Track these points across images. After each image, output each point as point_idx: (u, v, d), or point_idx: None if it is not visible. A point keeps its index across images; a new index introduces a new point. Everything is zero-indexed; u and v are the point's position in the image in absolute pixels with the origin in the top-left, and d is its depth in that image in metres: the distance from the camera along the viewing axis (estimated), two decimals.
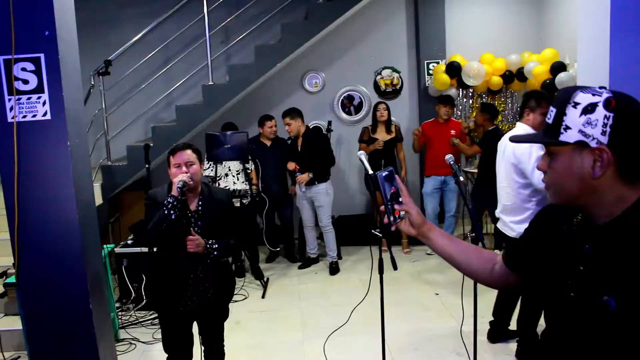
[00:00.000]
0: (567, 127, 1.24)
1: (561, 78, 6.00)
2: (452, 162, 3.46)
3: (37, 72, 2.64)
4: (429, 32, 7.00)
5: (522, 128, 3.69)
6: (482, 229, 5.68)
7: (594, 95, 1.22)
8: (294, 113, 5.64)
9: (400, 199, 1.64)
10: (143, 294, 4.74)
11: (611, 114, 1.19)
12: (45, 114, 2.66)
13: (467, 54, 6.84)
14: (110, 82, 5.55)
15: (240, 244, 5.02)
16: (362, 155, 3.40)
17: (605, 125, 1.20)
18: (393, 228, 1.66)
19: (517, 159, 3.56)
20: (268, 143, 6.04)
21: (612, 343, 1.21)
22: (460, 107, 7.22)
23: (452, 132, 6.08)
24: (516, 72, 6.79)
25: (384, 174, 1.64)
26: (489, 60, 6.79)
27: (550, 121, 1.29)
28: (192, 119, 5.67)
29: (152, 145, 5.20)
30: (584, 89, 1.25)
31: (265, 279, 5.48)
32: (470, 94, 7.21)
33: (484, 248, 3.28)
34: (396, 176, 1.67)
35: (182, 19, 5.93)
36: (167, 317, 2.98)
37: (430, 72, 6.99)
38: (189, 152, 2.94)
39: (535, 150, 3.48)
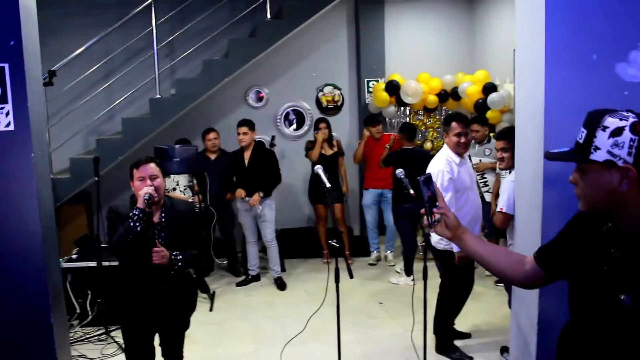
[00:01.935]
0: (597, 148, 1.43)
1: (492, 98, 6.40)
2: (402, 176, 3.66)
3: (1, 82, 2.61)
4: (369, 52, 7.29)
5: (443, 151, 4.03)
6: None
7: (621, 120, 1.41)
8: (251, 125, 5.69)
9: (437, 203, 1.79)
10: (89, 309, 4.64)
11: (637, 137, 1.39)
12: (8, 125, 2.63)
13: (405, 73, 7.17)
14: (53, 93, 5.42)
15: (203, 255, 5.01)
16: (320, 169, 3.55)
17: (631, 147, 1.39)
18: (432, 230, 1.82)
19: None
20: (212, 157, 6.07)
21: (626, 335, 1.41)
22: (397, 124, 7.52)
23: (387, 146, 6.37)
24: (451, 91, 7.17)
25: (423, 179, 1.80)
26: (426, 79, 7.14)
27: (581, 141, 1.48)
28: (139, 132, 5.63)
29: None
30: (612, 113, 1.44)
31: (211, 292, 5.48)
32: (408, 112, 7.53)
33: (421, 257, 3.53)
34: (434, 181, 1.83)
35: (128, 31, 5.89)
36: (131, 329, 2.98)
37: (370, 89, 7.27)
38: (152, 165, 2.98)
39: (442, 177, 3.82)
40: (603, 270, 1.49)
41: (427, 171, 3.99)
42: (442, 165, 3.86)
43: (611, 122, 1.42)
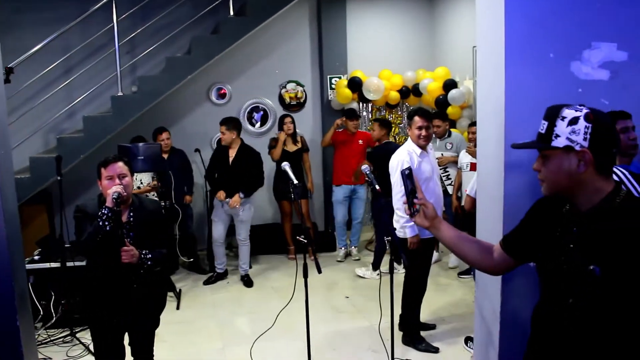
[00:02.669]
0: (557, 135, 1.63)
1: (453, 94, 6.55)
2: (368, 172, 3.74)
3: None
4: (332, 49, 7.35)
5: (406, 144, 4.28)
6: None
7: (576, 111, 1.62)
8: (230, 124, 5.63)
9: (417, 195, 1.94)
10: (52, 311, 4.56)
11: (590, 125, 1.58)
12: None
13: (367, 69, 7.26)
14: (10, 91, 5.28)
15: (171, 253, 4.93)
16: (287, 166, 3.60)
17: (586, 133, 1.59)
18: (413, 220, 1.97)
19: (389, 170, 4.14)
20: (165, 156, 5.96)
21: (598, 304, 1.58)
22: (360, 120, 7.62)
23: (360, 141, 6.45)
24: (412, 87, 7.31)
25: (406, 172, 1.95)
26: (387, 76, 7.25)
27: (543, 131, 1.68)
28: (100, 130, 5.53)
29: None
30: (568, 106, 1.65)
31: (177, 290, 5.45)
32: (370, 108, 7.63)
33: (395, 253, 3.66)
34: (414, 175, 1.98)
35: (88, 27, 5.78)
36: (101, 329, 2.96)
37: (333, 86, 7.33)
38: (120, 164, 2.96)
39: (401, 165, 4.02)
40: (569, 248, 1.65)
41: (390, 163, 4.23)
42: (403, 156, 4.13)
43: (568, 113, 1.62)
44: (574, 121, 1.60)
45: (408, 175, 1.96)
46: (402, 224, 4.08)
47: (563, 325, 1.66)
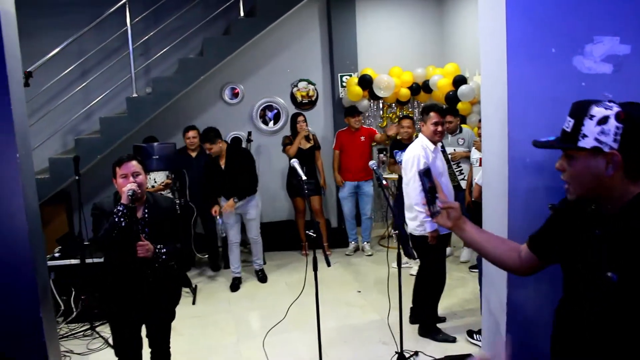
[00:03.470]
0: (585, 135, 1.51)
1: (462, 90, 6.59)
2: (375, 168, 3.82)
3: None
4: (342, 47, 7.42)
5: (419, 139, 4.30)
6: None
7: (606, 109, 1.50)
8: (211, 135, 5.44)
9: (437, 195, 1.88)
10: (73, 306, 4.71)
11: (621, 125, 1.48)
12: None
13: (378, 67, 7.32)
14: (30, 94, 5.44)
15: (185, 248, 5.01)
16: (295, 162, 3.69)
17: (616, 134, 1.48)
18: (435, 219, 1.91)
19: (404, 165, 4.13)
20: (193, 154, 6.15)
21: (614, 311, 1.50)
22: (371, 117, 7.69)
23: (362, 138, 6.53)
24: (422, 84, 7.35)
25: (422, 170, 1.88)
26: (398, 73, 7.30)
27: (569, 130, 1.56)
28: (116, 131, 5.68)
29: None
30: (597, 103, 1.53)
31: (193, 286, 5.58)
32: (381, 105, 7.70)
33: (403, 246, 3.71)
34: (430, 171, 1.92)
35: (102, 31, 5.92)
36: (119, 322, 3.08)
37: (344, 84, 7.40)
38: (134, 162, 3.07)
39: (417, 161, 4.07)
40: (589, 251, 1.58)
41: (404, 157, 4.24)
42: (418, 151, 4.14)
43: (597, 111, 1.51)
44: (603, 120, 1.49)
45: (425, 174, 1.89)
46: (422, 219, 4.07)
47: (581, 327, 1.61)
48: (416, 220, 4.17)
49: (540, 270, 1.89)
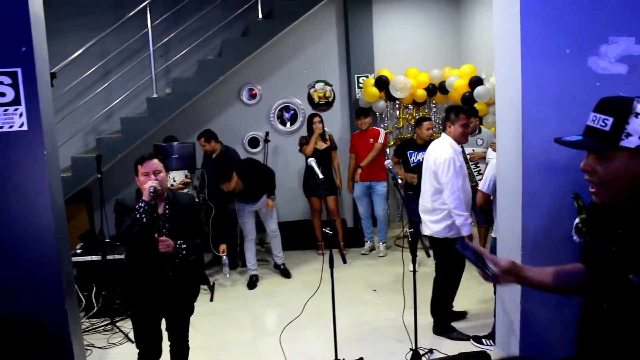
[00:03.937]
0: (629, 134, 1.41)
1: (479, 91, 6.60)
2: (391, 167, 3.86)
3: (14, 86, 2.79)
4: (359, 48, 7.48)
5: (445, 139, 4.24)
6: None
7: None
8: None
9: (487, 262, 1.79)
10: (94, 301, 4.82)
11: None
12: (22, 125, 2.82)
13: (394, 68, 7.36)
14: (53, 95, 5.57)
15: (204, 243, 5.10)
16: (313, 161, 3.75)
17: None
18: (499, 283, 1.83)
19: (437, 167, 4.10)
20: (213, 155, 6.23)
21: (633, 313, 1.46)
22: (387, 118, 7.73)
23: (371, 140, 6.58)
24: (438, 85, 7.38)
25: (459, 245, 1.83)
26: (414, 74, 7.34)
27: (607, 129, 1.44)
28: (137, 131, 5.79)
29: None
30: (638, 99, 1.45)
31: (211, 283, 5.67)
32: (397, 106, 7.73)
33: (423, 245, 3.73)
34: (465, 240, 1.90)
35: (124, 32, 6.04)
36: (139, 317, 3.18)
37: (360, 85, 7.46)
38: (155, 161, 3.17)
39: (453, 163, 4.04)
40: (612, 251, 1.53)
41: (433, 159, 4.16)
42: (451, 153, 4.08)
43: None
44: None
45: (463, 246, 1.81)
46: (462, 222, 4.01)
47: (604, 327, 1.58)
48: (441, 223, 4.16)
49: None
